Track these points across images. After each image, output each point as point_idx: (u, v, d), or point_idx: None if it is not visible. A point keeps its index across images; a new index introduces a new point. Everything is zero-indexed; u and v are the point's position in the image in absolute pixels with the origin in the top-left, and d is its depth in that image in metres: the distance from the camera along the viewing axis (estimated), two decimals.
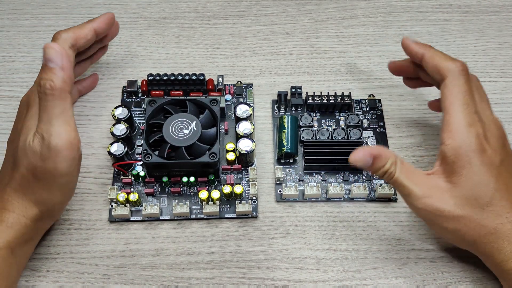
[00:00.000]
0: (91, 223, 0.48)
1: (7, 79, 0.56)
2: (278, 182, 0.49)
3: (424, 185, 0.40)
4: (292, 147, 0.49)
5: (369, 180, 0.50)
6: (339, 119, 0.53)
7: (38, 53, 0.58)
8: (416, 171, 0.41)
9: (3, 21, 0.61)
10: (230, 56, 0.58)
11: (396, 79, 0.56)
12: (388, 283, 0.45)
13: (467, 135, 0.39)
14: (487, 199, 0.39)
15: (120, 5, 0.62)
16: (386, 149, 0.42)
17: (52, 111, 0.39)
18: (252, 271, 0.45)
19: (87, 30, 0.46)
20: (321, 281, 0.45)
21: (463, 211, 0.39)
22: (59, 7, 0.62)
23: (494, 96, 0.55)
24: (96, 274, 0.45)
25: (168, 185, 0.49)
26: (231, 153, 0.49)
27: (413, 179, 0.40)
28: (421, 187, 0.40)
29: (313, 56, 0.58)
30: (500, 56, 0.58)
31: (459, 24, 0.61)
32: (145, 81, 0.53)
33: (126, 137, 0.49)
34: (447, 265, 0.46)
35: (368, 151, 0.40)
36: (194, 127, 0.47)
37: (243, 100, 0.54)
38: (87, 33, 0.46)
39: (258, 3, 0.63)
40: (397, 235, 0.47)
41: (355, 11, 0.62)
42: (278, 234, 0.47)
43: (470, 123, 0.40)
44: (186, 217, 0.48)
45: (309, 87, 0.56)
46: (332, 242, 0.47)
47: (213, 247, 0.47)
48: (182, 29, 0.60)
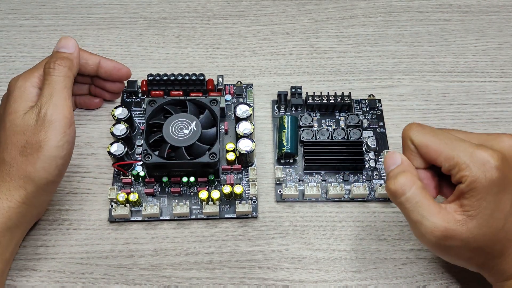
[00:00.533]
0: (91, 223, 0.48)
1: (7, 79, 0.56)
2: (278, 182, 0.49)
3: (439, 215, 0.37)
4: (292, 147, 0.49)
5: (369, 180, 0.50)
6: (339, 119, 0.53)
7: (38, 53, 0.58)
8: (431, 199, 0.38)
9: (3, 21, 0.61)
10: (230, 56, 0.58)
11: (396, 79, 0.56)
12: (388, 283, 0.45)
13: (480, 166, 0.36)
14: (500, 225, 0.37)
15: (120, 5, 0.62)
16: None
17: (54, 86, 0.42)
18: (252, 271, 0.45)
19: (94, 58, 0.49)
20: (321, 281, 0.45)
21: (478, 244, 0.37)
22: (59, 7, 0.62)
23: (494, 96, 0.55)
24: (96, 274, 0.45)
25: (168, 185, 0.49)
26: (231, 153, 0.49)
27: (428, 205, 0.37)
28: (436, 216, 0.37)
29: (313, 56, 0.58)
30: (500, 56, 0.58)
31: (459, 24, 0.61)
32: (145, 81, 0.53)
33: (126, 137, 0.49)
34: (447, 265, 0.46)
35: (403, 156, 0.39)
36: (194, 127, 0.47)
37: (243, 100, 0.54)
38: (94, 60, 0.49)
39: (258, 3, 0.63)
40: (397, 235, 0.47)
41: (355, 11, 0.62)
42: (278, 234, 0.47)
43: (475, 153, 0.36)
44: (186, 217, 0.48)
45: (309, 87, 0.56)
46: (332, 242, 0.47)
47: (213, 247, 0.47)
48: (182, 29, 0.60)
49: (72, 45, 0.45)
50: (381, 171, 0.50)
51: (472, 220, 0.36)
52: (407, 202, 0.38)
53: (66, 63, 0.44)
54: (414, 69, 0.57)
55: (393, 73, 0.57)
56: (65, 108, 0.42)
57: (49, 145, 0.41)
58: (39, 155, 0.40)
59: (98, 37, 0.59)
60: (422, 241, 0.38)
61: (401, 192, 0.38)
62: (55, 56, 0.44)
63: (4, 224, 0.40)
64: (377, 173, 0.50)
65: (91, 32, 0.60)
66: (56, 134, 0.41)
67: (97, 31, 0.60)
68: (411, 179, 0.38)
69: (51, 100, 0.42)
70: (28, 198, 0.41)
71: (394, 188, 0.38)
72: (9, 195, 0.40)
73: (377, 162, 0.50)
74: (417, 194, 0.37)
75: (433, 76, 0.57)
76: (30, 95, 0.43)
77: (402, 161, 0.39)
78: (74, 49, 0.45)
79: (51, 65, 0.43)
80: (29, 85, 0.43)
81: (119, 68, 0.51)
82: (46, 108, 0.41)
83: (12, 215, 0.41)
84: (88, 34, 0.60)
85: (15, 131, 0.41)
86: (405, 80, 0.56)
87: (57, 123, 0.41)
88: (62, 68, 0.43)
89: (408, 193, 0.37)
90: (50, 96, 0.42)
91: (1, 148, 0.42)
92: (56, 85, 0.43)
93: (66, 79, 0.43)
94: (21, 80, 0.44)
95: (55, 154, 0.41)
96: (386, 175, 0.40)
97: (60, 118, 0.41)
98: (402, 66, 0.57)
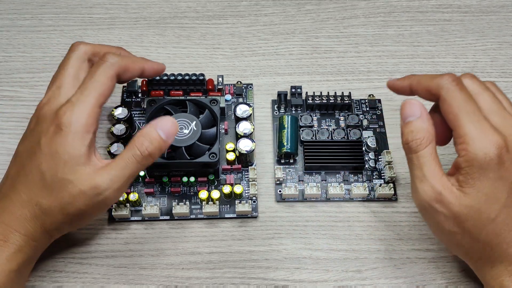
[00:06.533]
0: (91, 223, 0.47)
1: (7, 79, 0.56)
2: (278, 182, 0.49)
3: (439, 179, 0.38)
4: (292, 147, 0.49)
5: (369, 180, 0.50)
6: (339, 119, 0.53)
7: (38, 53, 0.58)
8: (438, 163, 0.39)
9: (3, 21, 0.61)
10: (230, 56, 0.58)
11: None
12: (388, 283, 0.45)
13: (482, 146, 0.36)
14: (493, 215, 0.37)
15: (120, 5, 0.62)
16: None
17: (131, 174, 0.39)
18: (252, 271, 0.45)
19: (137, 66, 0.44)
20: (321, 281, 0.45)
21: (465, 224, 0.38)
22: (59, 7, 0.62)
23: None
24: (96, 274, 0.45)
25: (168, 185, 0.49)
26: (231, 153, 0.49)
27: (434, 168, 0.38)
28: (436, 179, 0.38)
29: (313, 56, 0.58)
30: (500, 56, 0.58)
31: (459, 24, 0.61)
32: (145, 81, 0.53)
33: (126, 137, 0.49)
34: (447, 265, 0.46)
35: (422, 107, 0.39)
36: (194, 127, 0.47)
37: (243, 100, 0.54)
38: (136, 69, 0.44)
39: (258, 3, 0.63)
40: (397, 235, 0.47)
41: (355, 11, 0.62)
42: (278, 234, 0.47)
43: (484, 131, 0.37)
44: (186, 217, 0.48)
45: (309, 87, 0.56)
46: (332, 242, 0.47)
47: (213, 247, 0.47)
48: (182, 29, 0.61)
49: (173, 134, 0.40)
50: (381, 171, 0.50)
51: (465, 197, 0.37)
52: (416, 159, 0.39)
53: (156, 154, 0.40)
54: (414, 69, 0.57)
55: (393, 73, 0.57)
56: (120, 196, 0.42)
57: (90, 218, 0.42)
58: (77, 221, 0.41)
59: (98, 37, 0.59)
60: (415, 197, 0.40)
61: (414, 149, 0.39)
62: (150, 140, 0.39)
63: (29, 260, 0.41)
64: (377, 173, 0.50)
65: (91, 32, 0.60)
66: (100, 213, 0.45)
67: (97, 31, 0.60)
68: (428, 138, 0.38)
69: (119, 184, 0.39)
70: (51, 241, 0.42)
71: (410, 143, 0.39)
72: (37, 238, 0.40)
73: (377, 162, 0.50)
74: (428, 154, 0.38)
75: None
76: (83, 144, 0.39)
77: (422, 114, 0.39)
78: (172, 138, 0.40)
79: (142, 148, 0.39)
80: (83, 130, 0.39)
81: (159, 71, 0.47)
82: (111, 190, 0.38)
83: (37, 253, 0.41)
84: (88, 34, 0.60)
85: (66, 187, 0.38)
86: None
87: (108, 207, 0.42)
88: (149, 159, 0.39)
89: (421, 152, 0.38)
90: (120, 179, 0.39)
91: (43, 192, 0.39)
92: (134, 173, 0.39)
93: (143, 168, 0.40)
94: (74, 120, 0.38)
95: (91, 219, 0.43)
96: (402, 123, 0.40)
97: (111, 204, 0.41)
98: (402, 66, 0.57)
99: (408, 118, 0.39)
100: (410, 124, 0.39)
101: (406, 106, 0.40)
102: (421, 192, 0.38)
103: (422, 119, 0.39)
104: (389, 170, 0.49)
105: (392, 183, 0.49)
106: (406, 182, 0.50)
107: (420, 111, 0.39)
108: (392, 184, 0.49)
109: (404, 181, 0.50)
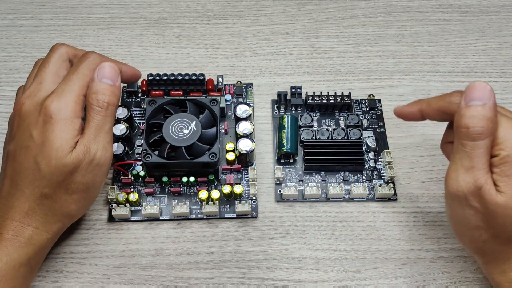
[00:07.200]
0: (91, 223, 0.48)
1: (7, 79, 0.56)
2: (278, 182, 0.49)
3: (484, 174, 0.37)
4: (292, 147, 0.49)
5: (369, 180, 0.50)
6: (339, 119, 0.53)
7: (38, 53, 0.58)
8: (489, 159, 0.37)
9: (3, 21, 0.61)
10: (230, 56, 0.58)
11: (396, 79, 0.56)
12: (388, 283, 0.45)
13: None
14: None
15: (120, 5, 0.62)
16: None
17: (102, 127, 0.40)
18: (252, 271, 0.45)
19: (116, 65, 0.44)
20: (321, 281, 0.45)
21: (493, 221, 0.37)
22: (59, 7, 0.62)
23: None
24: (95, 274, 0.45)
25: (168, 185, 0.49)
26: (231, 153, 0.49)
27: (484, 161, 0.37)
28: (482, 174, 0.36)
29: (313, 56, 0.58)
30: (500, 56, 0.58)
31: (459, 24, 0.61)
32: (145, 81, 0.53)
33: (126, 137, 0.49)
34: (447, 265, 0.46)
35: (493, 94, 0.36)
36: (194, 127, 0.47)
37: (243, 100, 0.54)
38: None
39: (258, 3, 0.63)
40: (397, 235, 0.47)
41: (355, 11, 0.62)
42: (278, 234, 0.47)
43: None
44: (186, 217, 0.48)
45: (309, 87, 0.56)
46: (332, 242, 0.47)
47: (213, 247, 0.47)
48: (182, 29, 0.60)
49: (116, 75, 0.41)
50: (381, 171, 0.50)
51: (501, 196, 0.36)
52: (471, 147, 0.36)
53: (114, 101, 0.41)
54: (414, 69, 0.57)
55: (393, 73, 0.57)
56: (111, 152, 0.42)
57: (95, 187, 0.42)
58: (84, 196, 0.41)
59: (98, 37, 0.59)
60: (452, 185, 0.37)
61: (473, 137, 0.36)
62: (102, 92, 0.40)
63: (41, 253, 0.41)
64: (377, 173, 0.50)
65: (91, 32, 0.60)
66: (102, 177, 0.42)
67: (97, 31, 0.60)
68: (491, 129, 0.36)
69: (99, 142, 0.40)
70: (64, 228, 0.43)
71: (471, 129, 0.36)
72: (49, 228, 0.41)
73: (377, 162, 0.50)
74: (485, 146, 0.36)
75: (433, 76, 0.57)
76: (74, 128, 0.39)
77: (491, 101, 0.36)
78: (118, 79, 0.41)
79: (99, 103, 0.40)
80: (72, 115, 0.39)
81: (136, 74, 0.48)
82: (95, 150, 0.40)
83: (48, 244, 0.42)
84: (88, 34, 0.60)
85: (62, 171, 0.39)
86: (405, 80, 0.56)
87: (105, 167, 0.41)
88: (111, 108, 0.40)
89: (478, 142, 0.36)
90: (97, 138, 0.40)
91: (43, 181, 0.39)
92: (104, 126, 0.40)
93: (112, 118, 0.41)
94: (62, 107, 0.39)
95: (97, 194, 0.43)
96: (463, 103, 0.37)
97: (108, 163, 0.41)
98: (402, 66, 0.57)
99: (474, 101, 0.36)
100: (474, 108, 0.36)
101: (476, 87, 0.36)
102: (462, 182, 0.37)
103: (490, 107, 0.36)
104: (389, 170, 0.49)
105: (392, 183, 0.49)
106: (406, 182, 0.50)
107: (490, 98, 0.36)
108: (392, 184, 0.49)
109: (404, 181, 0.50)
